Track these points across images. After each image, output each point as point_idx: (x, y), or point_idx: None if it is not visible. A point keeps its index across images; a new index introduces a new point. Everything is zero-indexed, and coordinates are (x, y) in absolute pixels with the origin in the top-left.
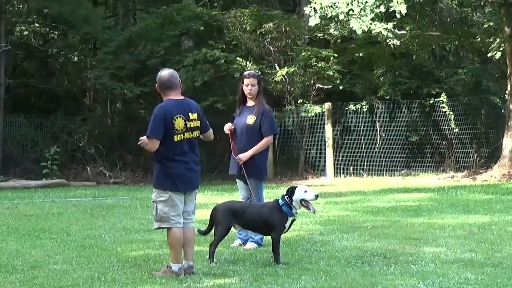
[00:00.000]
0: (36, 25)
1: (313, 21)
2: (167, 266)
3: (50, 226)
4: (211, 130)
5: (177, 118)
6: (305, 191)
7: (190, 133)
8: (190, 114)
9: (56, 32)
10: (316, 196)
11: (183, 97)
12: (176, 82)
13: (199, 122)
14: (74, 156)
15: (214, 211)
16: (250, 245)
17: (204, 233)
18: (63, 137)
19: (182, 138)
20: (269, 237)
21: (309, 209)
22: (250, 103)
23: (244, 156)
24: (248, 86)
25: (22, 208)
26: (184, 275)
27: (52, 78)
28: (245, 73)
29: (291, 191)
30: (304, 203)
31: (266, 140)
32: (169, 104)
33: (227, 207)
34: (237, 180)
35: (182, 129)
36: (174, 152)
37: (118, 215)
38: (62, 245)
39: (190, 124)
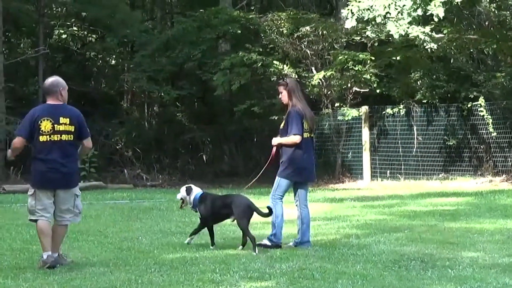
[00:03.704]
0: (75, 28)
1: (350, 23)
2: (42, 255)
3: (88, 228)
4: (89, 139)
5: (43, 120)
6: None
7: (59, 135)
8: (60, 118)
9: (94, 36)
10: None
11: (60, 103)
12: (55, 89)
13: (71, 127)
14: (112, 159)
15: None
16: (265, 241)
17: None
18: (100, 140)
19: (48, 139)
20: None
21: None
22: None
23: (275, 139)
24: (279, 95)
25: None
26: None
27: (89, 81)
28: None
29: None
30: None
31: (290, 138)
32: (40, 107)
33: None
34: None
35: (49, 131)
36: (40, 152)
37: (155, 218)
38: (99, 247)
39: (58, 128)
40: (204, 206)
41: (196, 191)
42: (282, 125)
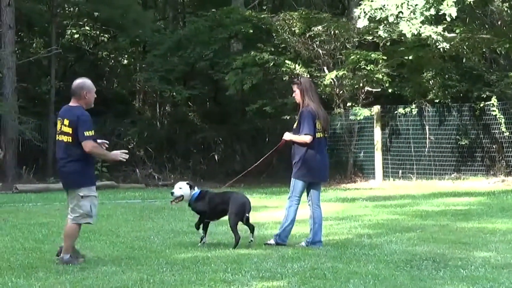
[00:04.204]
0: (87, 28)
1: (362, 23)
2: None
3: (100, 228)
4: (84, 142)
5: (58, 120)
6: None
7: (62, 136)
8: (65, 119)
9: (106, 35)
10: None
11: (76, 105)
12: (78, 92)
13: (70, 129)
14: None
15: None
16: (271, 240)
17: None
18: (112, 140)
19: (57, 138)
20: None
21: None
22: None
23: (287, 135)
24: (293, 94)
25: None
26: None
27: (102, 81)
28: None
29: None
30: None
31: (301, 137)
32: (62, 108)
33: None
34: None
35: (57, 131)
36: (57, 151)
37: (166, 217)
38: (111, 247)
39: (62, 129)
40: (201, 203)
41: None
42: (295, 125)
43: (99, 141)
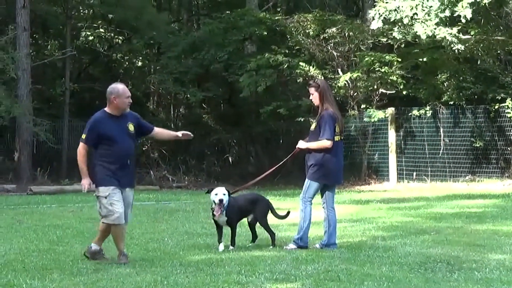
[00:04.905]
0: (101, 30)
1: (376, 24)
2: None
3: None
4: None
5: None
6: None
7: None
8: None
9: (120, 37)
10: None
11: (104, 109)
12: (108, 96)
13: None
14: (138, 160)
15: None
16: (291, 245)
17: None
18: None
19: None
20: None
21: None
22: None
23: (301, 143)
24: (310, 96)
25: (86, 211)
26: None
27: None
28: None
29: None
30: None
31: (320, 142)
32: None
33: None
34: None
35: None
36: None
37: (180, 219)
38: (125, 249)
39: None
40: (233, 209)
41: None
42: (313, 127)
43: (179, 133)
